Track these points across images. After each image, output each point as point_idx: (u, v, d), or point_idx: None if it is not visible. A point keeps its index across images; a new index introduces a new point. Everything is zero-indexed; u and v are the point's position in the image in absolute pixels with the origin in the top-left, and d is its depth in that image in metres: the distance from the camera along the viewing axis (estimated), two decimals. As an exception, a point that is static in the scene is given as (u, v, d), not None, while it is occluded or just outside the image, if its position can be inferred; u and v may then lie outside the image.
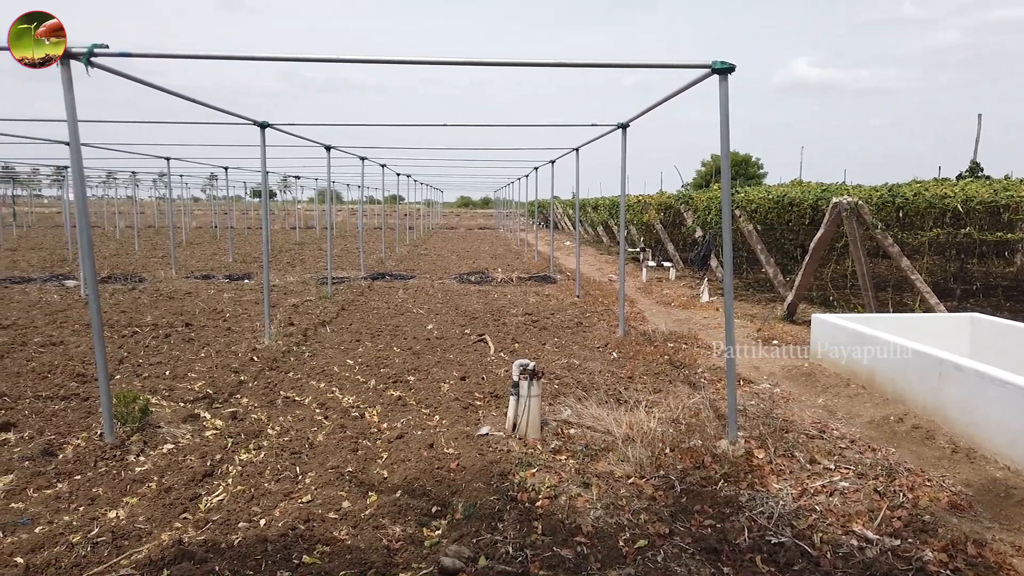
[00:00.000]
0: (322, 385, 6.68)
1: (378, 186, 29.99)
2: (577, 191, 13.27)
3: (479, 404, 6.06)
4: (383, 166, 18.69)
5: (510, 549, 3.58)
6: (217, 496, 4.24)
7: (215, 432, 5.35)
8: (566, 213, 35.35)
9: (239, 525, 3.85)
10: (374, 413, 5.85)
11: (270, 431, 5.41)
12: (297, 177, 29.34)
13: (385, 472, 4.59)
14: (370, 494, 4.22)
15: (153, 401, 5.93)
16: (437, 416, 5.72)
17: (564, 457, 4.84)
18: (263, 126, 8.33)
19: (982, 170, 15.76)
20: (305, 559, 3.48)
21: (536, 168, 19.29)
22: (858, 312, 9.51)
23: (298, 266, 18.01)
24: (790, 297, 10.37)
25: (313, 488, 4.33)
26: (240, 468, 4.67)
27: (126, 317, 10.04)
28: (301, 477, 4.54)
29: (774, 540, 3.72)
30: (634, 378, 6.95)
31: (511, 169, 22.82)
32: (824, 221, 9.34)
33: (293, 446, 5.06)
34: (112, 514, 3.97)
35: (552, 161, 15.80)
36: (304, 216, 44.68)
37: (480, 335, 8.95)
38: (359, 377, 6.96)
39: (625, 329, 9.22)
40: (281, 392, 6.43)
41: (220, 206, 36.49)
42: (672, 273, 15.86)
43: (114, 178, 34.28)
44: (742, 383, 6.82)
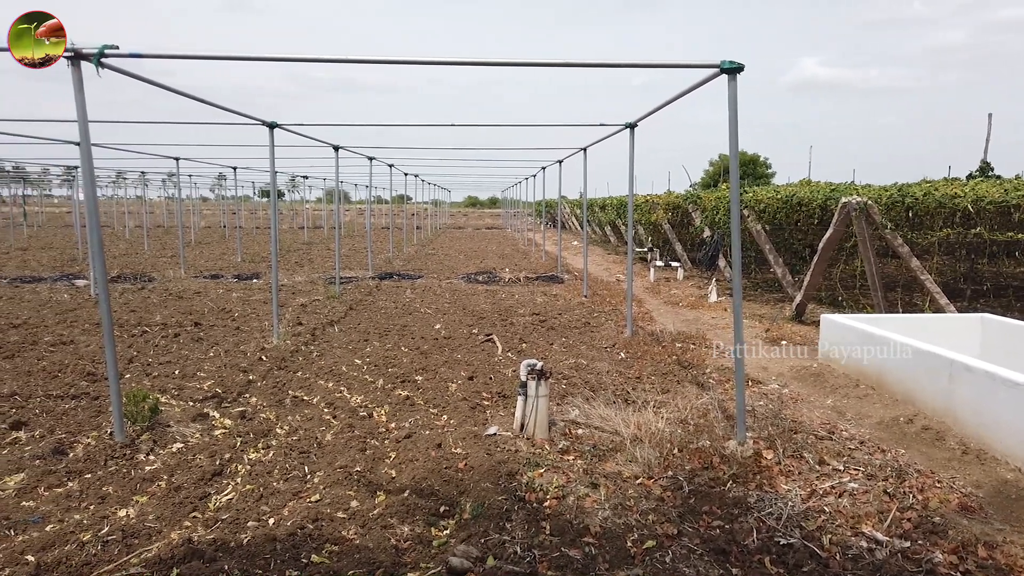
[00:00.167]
0: (330, 385, 6.70)
1: (386, 186, 30.06)
2: (585, 191, 13.27)
3: (487, 404, 6.06)
4: (391, 166, 18.73)
5: (518, 549, 3.58)
6: (226, 495, 4.26)
7: (224, 431, 5.37)
8: (573, 213, 35.34)
9: (248, 524, 3.87)
10: (382, 413, 5.86)
11: (279, 430, 5.43)
12: (305, 177, 29.43)
13: (393, 472, 4.59)
14: (378, 494, 4.23)
15: (162, 400, 5.96)
16: (445, 416, 5.73)
17: (572, 457, 4.84)
18: (272, 126, 8.36)
19: (992, 170, 15.64)
20: (314, 558, 3.49)
21: (544, 168, 19.29)
22: (867, 312, 9.47)
23: (306, 266, 18.06)
24: (799, 297, 10.33)
25: (322, 487, 4.34)
26: (249, 467, 4.69)
27: (136, 316, 10.09)
28: (310, 476, 4.55)
29: (783, 541, 3.71)
30: (642, 378, 6.94)
31: (519, 169, 22.82)
32: (833, 221, 9.30)
33: (302, 445, 5.07)
34: (122, 512, 3.99)
35: (560, 161, 15.80)
36: (312, 216, 44.82)
37: (488, 335, 8.96)
38: (367, 377, 6.98)
39: (633, 329, 9.21)
40: (289, 392, 6.45)
41: (228, 206, 36.65)
42: (680, 273, 15.83)
43: (124, 178, 34.44)
44: (750, 383, 6.80)
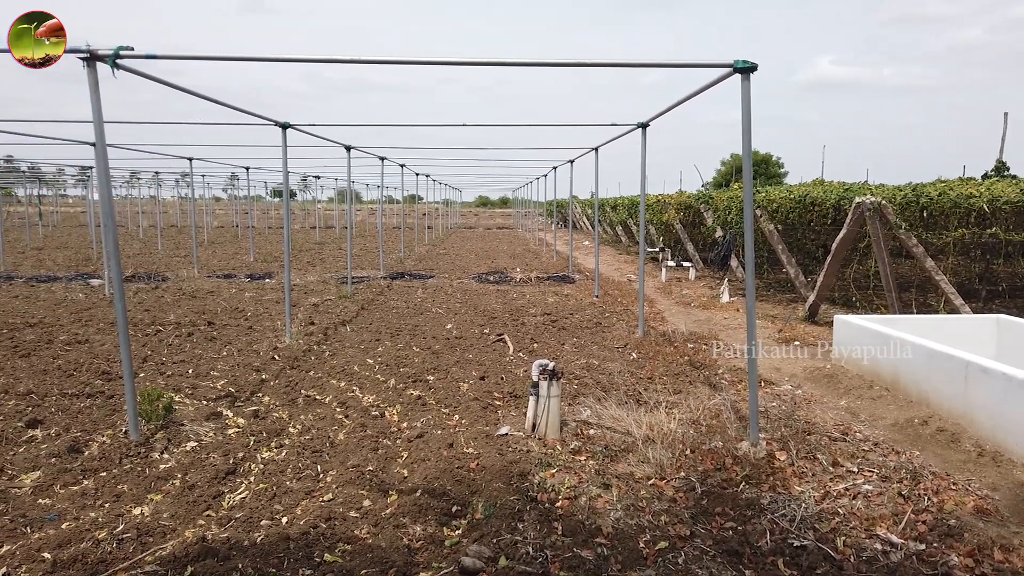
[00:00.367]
0: (342, 384, 6.72)
1: (397, 186, 30.13)
2: (596, 190, 13.25)
3: (498, 404, 6.07)
4: (402, 166, 18.77)
5: (530, 550, 3.58)
6: (240, 494, 4.28)
7: (237, 430, 5.40)
8: (584, 213, 35.30)
9: (261, 523, 3.89)
10: (394, 412, 5.87)
11: (291, 430, 5.45)
12: (317, 177, 29.55)
13: (405, 471, 4.60)
14: (390, 493, 4.24)
15: (176, 399, 6.00)
16: (457, 416, 5.74)
17: (584, 458, 4.83)
18: (284, 126, 8.40)
19: (1008, 169, 15.51)
20: (327, 557, 3.50)
21: (555, 168, 19.27)
22: (881, 313, 9.41)
23: (318, 265, 18.13)
24: (812, 298, 10.27)
25: (334, 487, 4.35)
26: (262, 466, 4.71)
27: (149, 316, 10.16)
28: (322, 476, 4.57)
29: (796, 543, 3.69)
30: (654, 379, 6.92)
31: (530, 169, 22.81)
32: (847, 221, 9.24)
33: (314, 445, 5.09)
34: (137, 511, 4.02)
35: (571, 161, 15.78)
36: (324, 216, 44.98)
37: (499, 335, 8.96)
38: (379, 376, 7.00)
39: (645, 329, 9.19)
40: (302, 391, 6.47)
41: (241, 206, 36.85)
42: (692, 273, 15.78)
43: (137, 178, 34.71)
44: (763, 384, 6.77)
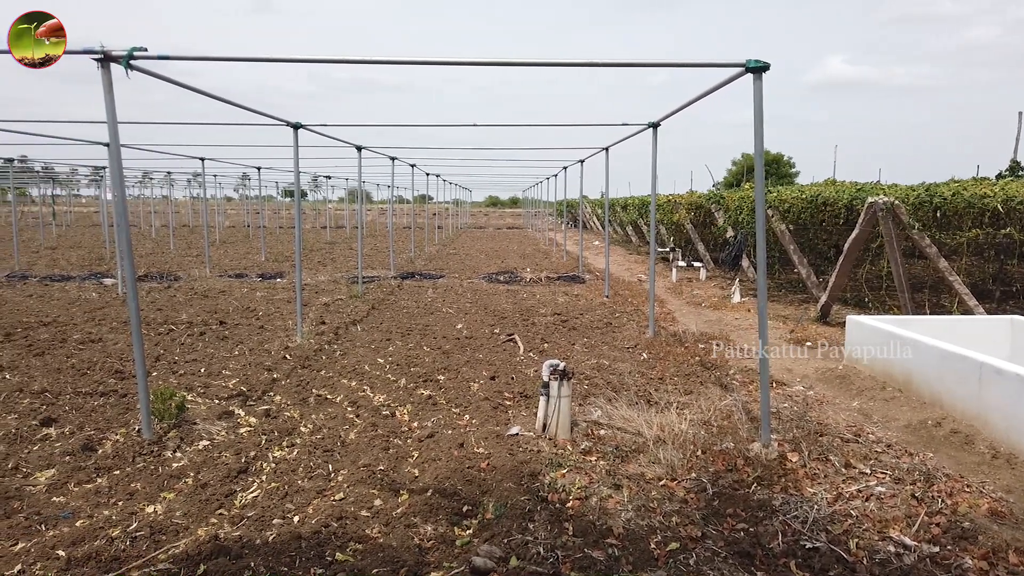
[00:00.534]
0: (353, 384, 6.74)
1: (407, 186, 30.17)
2: (607, 190, 13.21)
3: (509, 404, 6.07)
4: (413, 166, 18.80)
5: (541, 550, 3.58)
6: (252, 493, 4.30)
7: (249, 429, 5.43)
8: (595, 213, 35.24)
9: (273, 522, 3.90)
10: (405, 412, 5.89)
11: (303, 429, 5.47)
12: (328, 177, 29.64)
13: (416, 471, 4.61)
14: (401, 493, 4.25)
15: (189, 398, 6.03)
16: (467, 415, 5.74)
17: (594, 458, 4.82)
18: (296, 127, 8.43)
19: (1023, 169, 15.37)
20: (338, 556, 3.51)
21: (565, 168, 19.26)
22: (894, 314, 9.35)
23: (329, 265, 18.19)
24: (824, 298, 10.22)
25: (345, 486, 4.37)
26: (274, 465, 4.73)
27: (162, 315, 10.22)
28: (333, 475, 4.58)
29: (809, 545, 3.67)
30: (664, 379, 6.91)
31: (540, 169, 22.80)
32: (859, 221, 9.19)
33: (325, 444, 5.11)
34: (150, 509, 4.05)
35: (581, 161, 15.77)
36: (335, 215, 45.12)
37: (509, 335, 8.96)
38: (390, 376, 7.01)
39: (655, 330, 9.17)
40: (313, 390, 6.50)
41: (252, 205, 37.02)
42: (702, 273, 15.73)
43: (150, 178, 34.94)
44: (775, 385, 6.74)
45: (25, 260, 18.15)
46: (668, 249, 18.64)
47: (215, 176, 27.34)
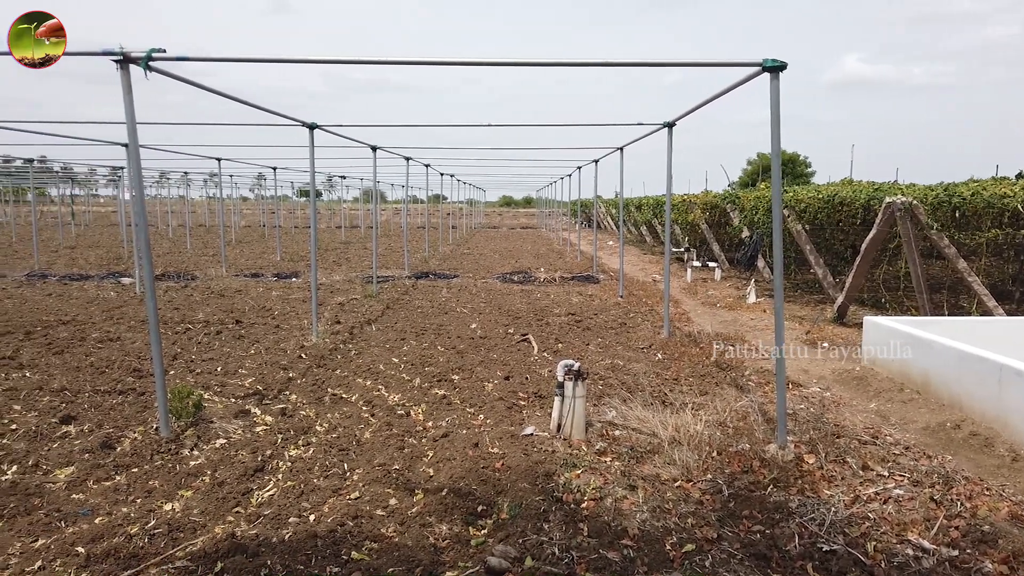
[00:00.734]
0: (368, 383, 6.76)
1: (422, 185, 30.26)
2: (621, 190, 13.19)
3: (523, 404, 6.07)
4: (427, 166, 18.84)
5: (556, 550, 3.58)
6: (268, 491, 4.33)
7: (265, 428, 5.46)
8: (609, 213, 35.17)
9: (289, 520, 3.93)
10: (419, 411, 5.90)
11: (318, 428, 5.50)
12: (343, 177, 29.75)
13: (431, 470, 4.62)
14: (416, 492, 4.26)
15: (206, 396, 6.07)
16: (481, 415, 5.75)
17: (609, 459, 4.81)
18: (312, 127, 8.47)
19: (1044, 168, 15.18)
20: (354, 555, 3.53)
21: (579, 167, 19.23)
22: (911, 315, 9.27)
23: (344, 265, 18.26)
24: (840, 299, 10.15)
25: (361, 485, 4.38)
26: (290, 464, 4.76)
27: (179, 314, 10.30)
28: (349, 474, 4.60)
29: (826, 548, 3.65)
30: (679, 380, 6.88)
31: (554, 169, 22.78)
32: (877, 221, 9.12)
33: (341, 443, 5.14)
34: (168, 506, 4.08)
35: (596, 161, 15.73)
36: (349, 215, 45.30)
37: (523, 335, 8.96)
38: (404, 375, 7.03)
39: (670, 330, 9.14)
40: (329, 389, 6.53)
41: (268, 205, 37.22)
42: (717, 273, 15.66)
43: (167, 178, 35.25)
44: (791, 386, 6.69)
45: (44, 259, 18.35)
46: (683, 249, 18.57)
47: (231, 176, 27.50)
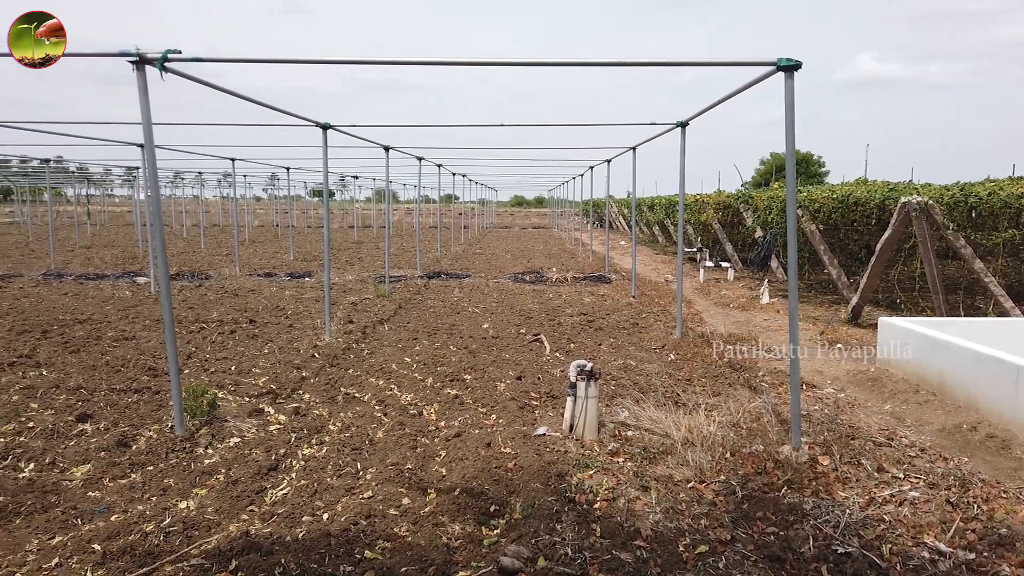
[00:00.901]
0: (381, 382, 6.78)
1: (434, 185, 30.31)
2: (634, 190, 13.15)
3: (535, 404, 6.06)
4: (439, 166, 18.87)
5: (569, 551, 3.58)
6: (281, 490, 4.35)
7: (279, 427, 5.49)
8: (621, 212, 35.08)
9: (303, 519, 3.94)
10: (432, 411, 5.91)
11: (331, 427, 5.52)
12: (356, 177, 29.85)
13: (443, 470, 4.63)
14: (429, 492, 4.27)
15: (220, 395, 6.11)
16: (494, 415, 5.75)
17: (622, 459, 4.80)
18: (325, 127, 8.50)
19: (1061, 168, 15.01)
20: (367, 554, 3.54)
21: (592, 167, 19.20)
22: (927, 315, 9.19)
23: (356, 265, 18.32)
24: (855, 299, 10.07)
25: (374, 484, 4.40)
26: (303, 463, 4.78)
27: (193, 313, 10.37)
28: (362, 473, 4.62)
29: (840, 550, 3.62)
30: (692, 380, 6.86)
31: (566, 168, 22.76)
32: (892, 221, 9.05)
33: (354, 442, 5.15)
34: (183, 504, 4.11)
35: (608, 160, 15.71)
36: (362, 215, 45.44)
37: (535, 335, 8.96)
38: (416, 375, 7.05)
39: (683, 330, 9.10)
40: (341, 389, 6.55)
41: (281, 205, 37.41)
42: (730, 274, 15.59)
43: (181, 178, 35.50)
44: (805, 387, 6.65)
45: (61, 259, 18.52)
46: (695, 249, 18.50)
47: (245, 176, 27.67)
